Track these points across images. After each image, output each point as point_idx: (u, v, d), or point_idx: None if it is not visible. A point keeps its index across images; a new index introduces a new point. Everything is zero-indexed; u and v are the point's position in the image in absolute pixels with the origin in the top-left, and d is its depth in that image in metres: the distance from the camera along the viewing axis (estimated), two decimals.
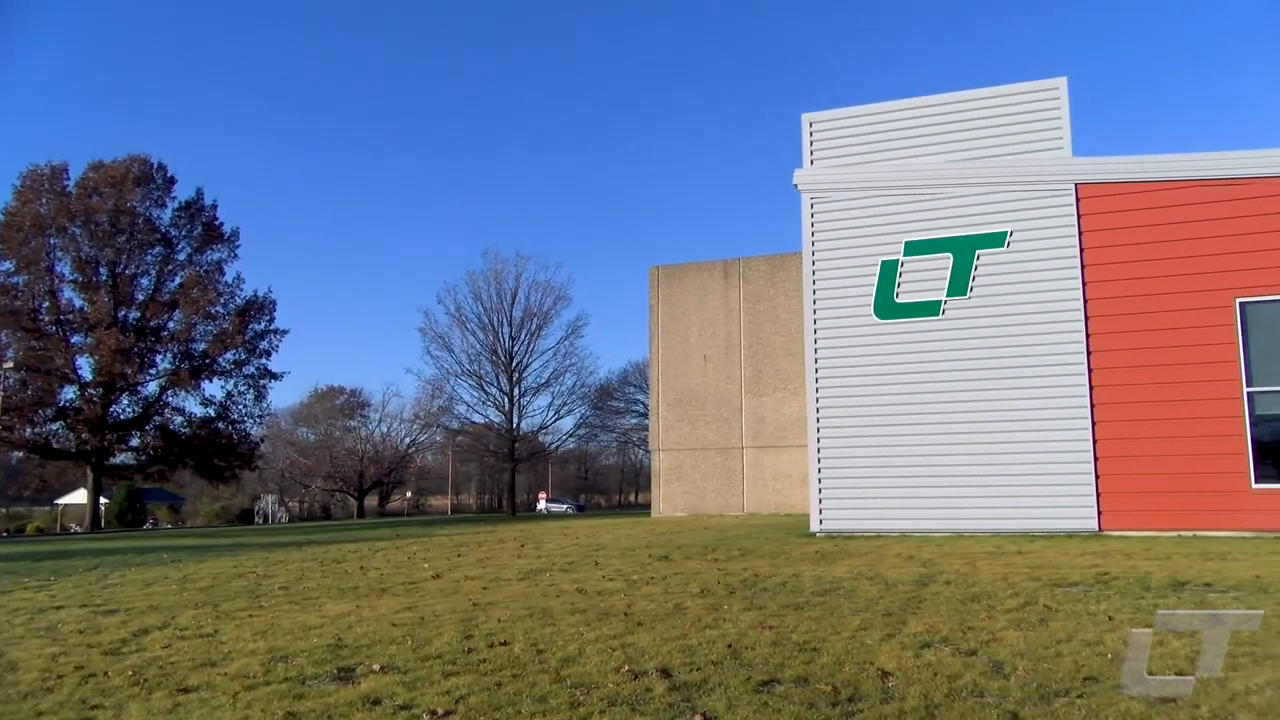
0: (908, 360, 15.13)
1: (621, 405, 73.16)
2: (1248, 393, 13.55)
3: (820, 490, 15.37)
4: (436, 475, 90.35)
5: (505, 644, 6.45)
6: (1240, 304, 13.72)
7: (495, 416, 52.19)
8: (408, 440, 75.40)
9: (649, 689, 5.16)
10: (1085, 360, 14.25)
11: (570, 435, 65.98)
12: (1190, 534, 13.25)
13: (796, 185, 16.27)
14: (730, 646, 6.13)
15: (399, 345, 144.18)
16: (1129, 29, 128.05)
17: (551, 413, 55.42)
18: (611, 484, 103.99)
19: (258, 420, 56.13)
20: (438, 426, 62.66)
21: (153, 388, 51.37)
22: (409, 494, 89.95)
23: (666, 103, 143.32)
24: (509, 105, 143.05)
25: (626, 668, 5.63)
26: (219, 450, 52.41)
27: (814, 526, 15.32)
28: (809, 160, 16.33)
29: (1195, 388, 13.75)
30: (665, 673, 5.49)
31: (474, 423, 54.12)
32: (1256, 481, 13.40)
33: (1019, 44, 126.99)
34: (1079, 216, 14.61)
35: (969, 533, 14.19)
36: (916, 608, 7.44)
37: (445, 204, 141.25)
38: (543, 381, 52.86)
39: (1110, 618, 6.76)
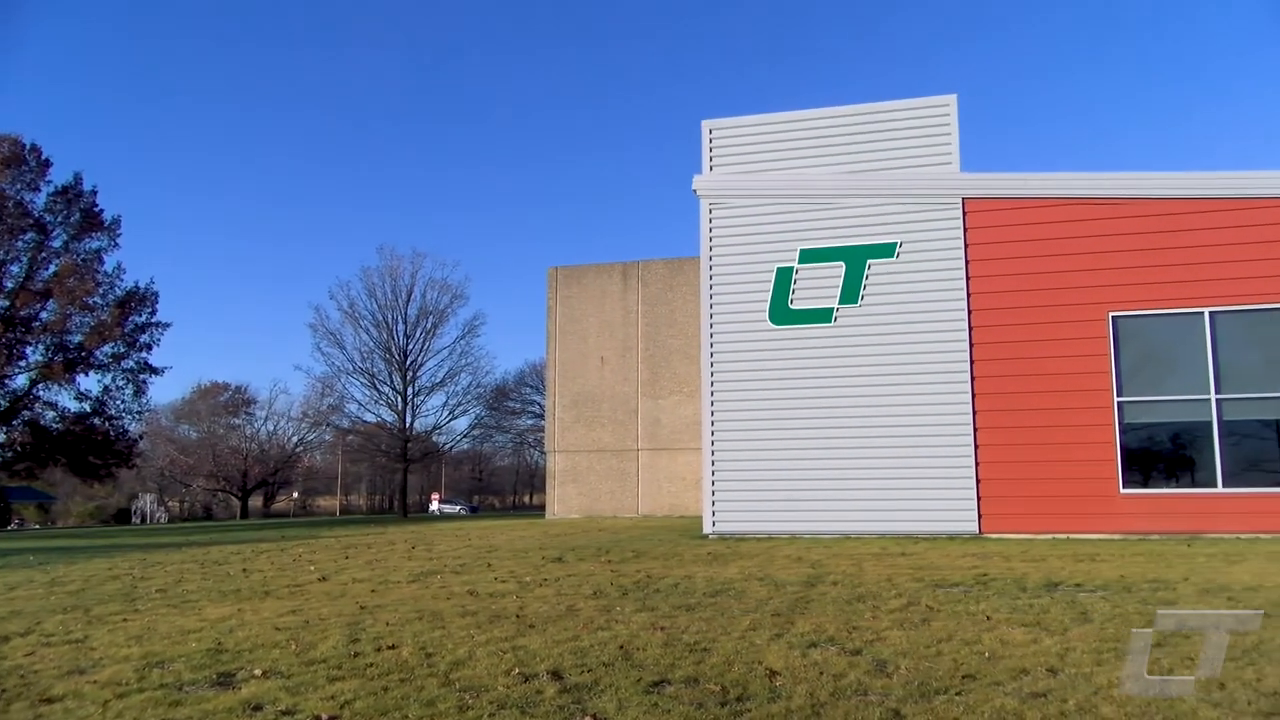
0: (801, 366, 15.43)
1: (518, 406, 72.63)
2: (1118, 402, 14.24)
3: (713, 493, 15.55)
4: (325, 475, 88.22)
5: (393, 647, 6.34)
6: (1113, 318, 14.41)
7: (388, 415, 51.27)
8: (295, 439, 73.46)
9: (540, 691, 5.13)
10: (969, 369, 14.76)
11: (465, 436, 65.28)
12: (1064, 536, 13.85)
13: (696, 190, 16.43)
14: (622, 647, 6.15)
15: (288, 341, 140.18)
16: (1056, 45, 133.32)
17: (446, 413, 54.71)
18: (506, 485, 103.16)
19: (136, 416, 53.80)
20: (327, 425, 61.20)
21: (22, 380, 48.78)
22: (296, 494, 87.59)
23: (566, 105, 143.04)
24: (409, 106, 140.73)
25: (517, 670, 5.59)
26: (94, 447, 50.03)
27: (707, 528, 15.48)
28: (708, 166, 16.51)
29: (1070, 397, 14.39)
30: (556, 674, 5.47)
31: (365, 422, 53.04)
32: (1124, 487, 14.10)
33: (922, 59, 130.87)
34: (965, 230, 15.13)
35: (857, 535, 14.55)
36: (805, 608, 7.58)
37: (340, 204, 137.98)
38: (438, 381, 52.16)
39: (988, 617, 7.01)
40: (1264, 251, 14.02)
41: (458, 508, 70.18)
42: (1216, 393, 13.95)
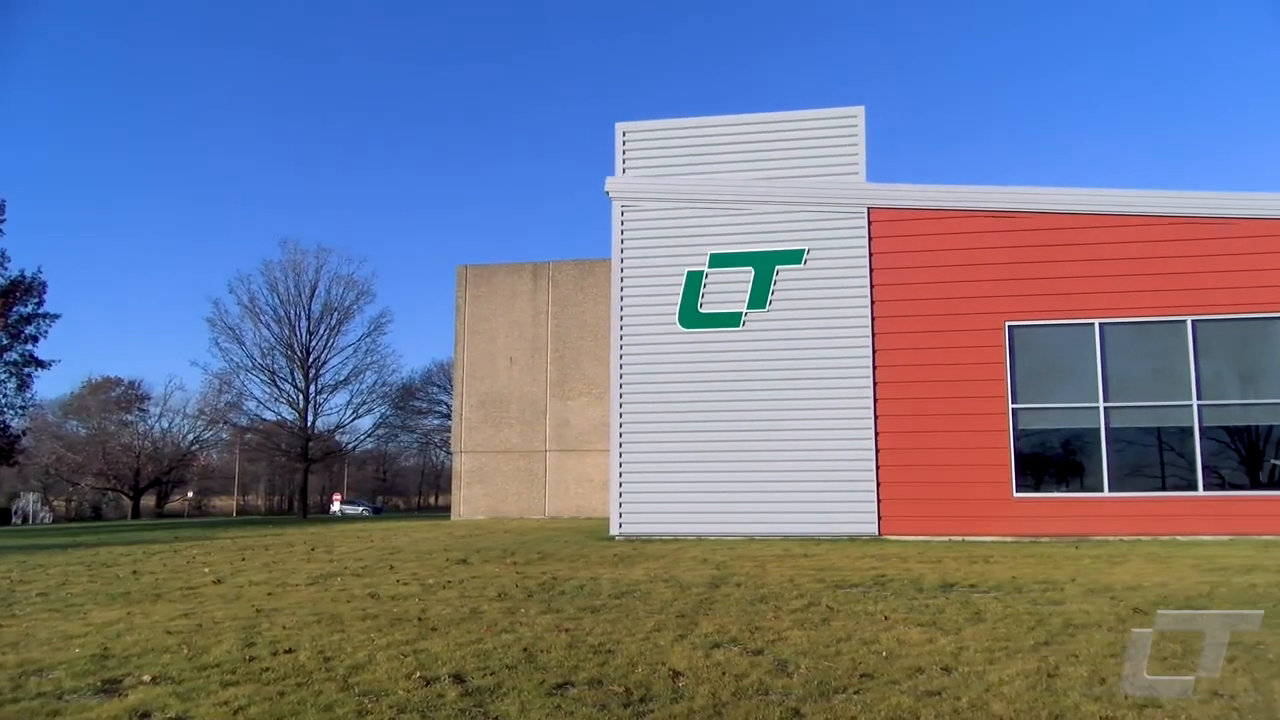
0: (709, 369, 15.57)
1: (424, 406, 71.62)
2: (1013, 409, 14.74)
3: (621, 494, 15.58)
4: (222, 475, 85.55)
5: (290, 651, 6.19)
6: (1009, 327, 14.91)
7: (288, 414, 49.98)
8: (191, 437, 71.10)
9: (441, 695, 5.07)
10: (871, 374, 15.10)
11: (369, 435, 64.06)
12: (960, 538, 14.27)
13: (608, 192, 16.45)
14: (526, 650, 6.11)
15: (185, 336, 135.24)
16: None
17: (350, 411, 53.59)
18: (411, 486, 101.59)
19: (20, 412, 51.30)
20: (225, 423, 59.31)
21: None
22: (190, 494, 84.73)
23: (475, 103, 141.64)
24: (320, 102, 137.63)
25: (418, 674, 5.52)
26: None
27: (614, 530, 15.51)
28: (621, 168, 16.55)
29: (967, 403, 14.83)
30: (458, 678, 5.42)
31: (265, 420, 51.62)
32: (1018, 490, 14.60)
33: (834, 68, 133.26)
34: (870, 238, 15.47)
35: (761, 537, 14.74)
36: (708, 609, 7.65)
37: (245, 201, 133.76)
38: (341, 379, 51.05)
39: (886, 617, 7.17)
40: (1150, 266, 14.69)
41: (360, 509, 68.81)
42: (1105, 401, 14.55)
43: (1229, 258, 14.55)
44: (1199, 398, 14.39)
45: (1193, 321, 14.54)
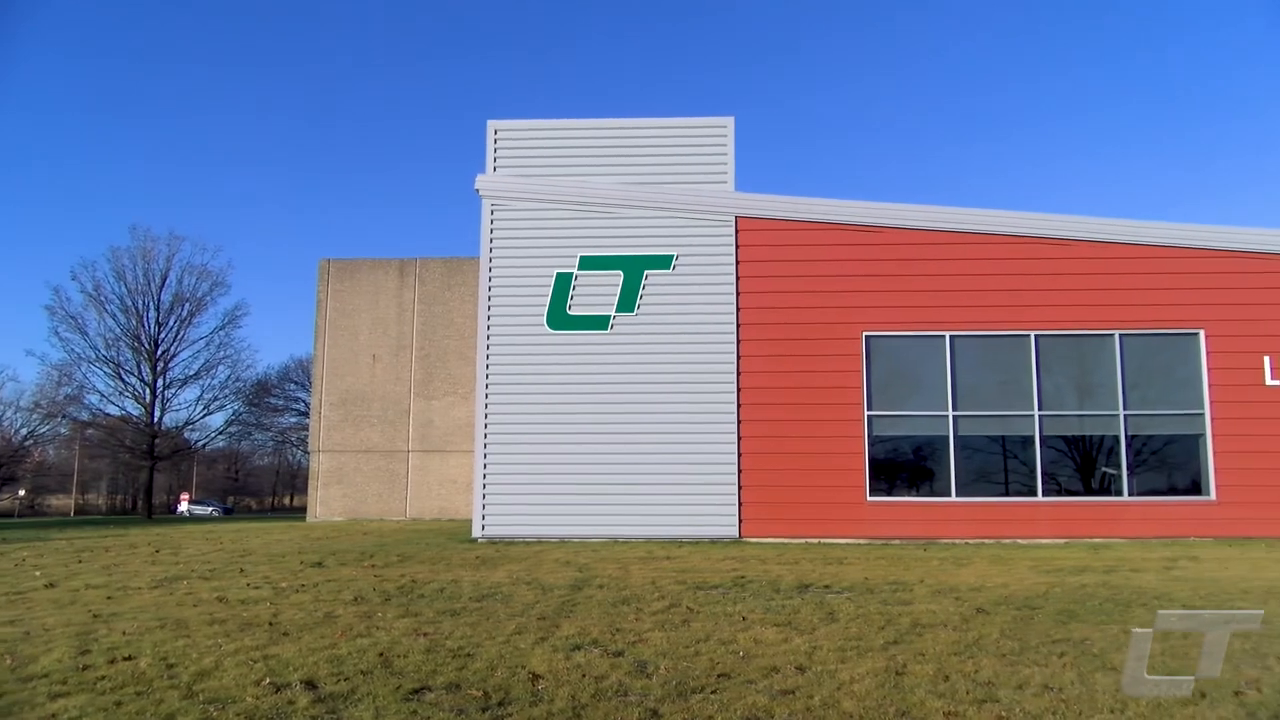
0: (576, 371, 15.57)
1: (280, 403, 69.13)
2: (867, 416, 15.27)
3: (485, 496, 15.42)
4: (59, 472, 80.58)
5: (130, 659, 5.89)
6: (866, 337, 15.45)
7: (134, 409, 47.47)
8: (25, 431, 66.75)
9: (291, 702, 4.91)
10: (735, 380, 15.38)
11: (220, 432, 61.37)
12: (816, 541, 14.67)
13: (478, 190, 16.26)
14: (382, 655, 5.98)
15: (19, 324, 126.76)
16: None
17: (200, 407, 51.25)
18: (265, 487, 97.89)
19: None
20: (63, 417, 55.90)
21: None
22: (23, 492, 79.55)
23: (346, 100, 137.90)
24: (178, 96, 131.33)
25: (268, 680, 5.32)
26: None
27: (476, 532, 15.32)
28: (492, 167, 16.39)
29: (826, 410, 15.28)
30: (310, 684, 5.25)
31: (108, 414, 48.89)
32: (871, 495, 15.12)
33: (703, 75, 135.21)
34: (737, 247, 15.77)
35: (625, 539, 14.82)
36: (570, 611, 7.64)
37: (95, 188, 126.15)
38: (192, 373, 48.78)
39: (744, 618, 7.32)
40: (998, 283, 15.46)
41: (210, 509, 65.90)
42: (954, 410, 15.23)
43: (1069, 277, 15.46)
44: (1040, 408, 15.23)
45: (1035, 336, 15.37)
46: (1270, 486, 14.82)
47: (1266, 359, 15.12)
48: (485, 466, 15.48)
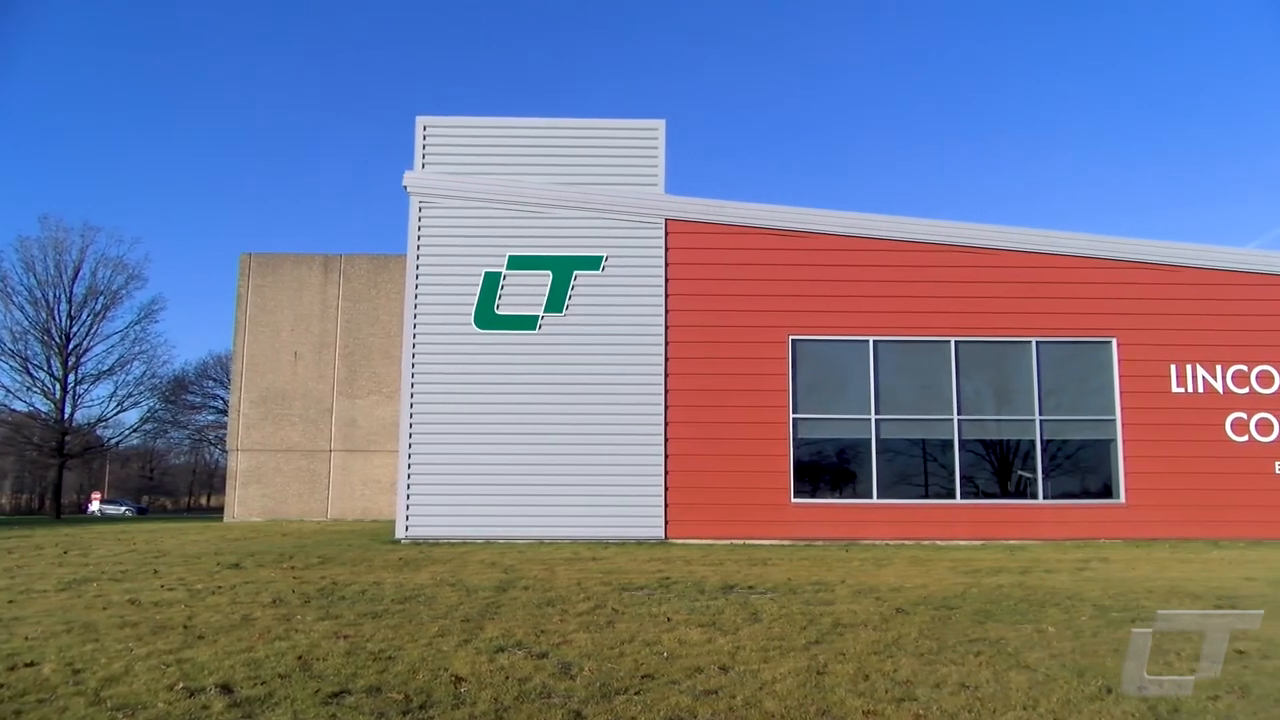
0: (503, 371, 15.47)
1: (198, 400, 67.26)
2: (793, 419, 15.46)
3: (409, 497, 15.23)
4: None
5: (32, 665, 5.68)
6: (792, 340, 15.64)
7: (42, 404, 45.72)
8: None
9: (206, 707, 4.79)
10: (663, 382, 15.45)
11: (135, 430, 59.47)
12: (741, 542, 14.79)
13: (406, 187, 16.06)
14: (301, 658, 5.87)
15: None
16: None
17: (114, 404, 49.65)
18: (181, 486, 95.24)
19: None
20: None
21: None
22: None
23: (267, 86, 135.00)
24: (96, 85, 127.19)
25: (181, 685, 5.18)
26: None
27: (400, 533, 15.13)
28: (420, 164, 16.20)
29: (752, 412, 15.43)
30: (226, 688, 5.13)
31: (14, 410, 47.04)
32: (795, 496, 15.31)
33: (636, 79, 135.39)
34: (666, 249, 15.84)
35: (551, 540, 14.77)
36: (495, 613, 7.59)
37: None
38: (105, 369, 47.20)
39: (669, 619, 7.34)
40: (920, 289, 15.78)
41: (123, 509, 63.88)
42: (876, 413, 15.50)
43: (989, 285, 15.86)
44: (959, 413, 15.58)
45: (956, 342, 15.73)
46: (1175, 490, 15.39)
47: (1173, 367, 15.70)
48: (410, 467, 15.30)
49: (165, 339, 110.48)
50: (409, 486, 15.26)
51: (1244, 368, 15.72)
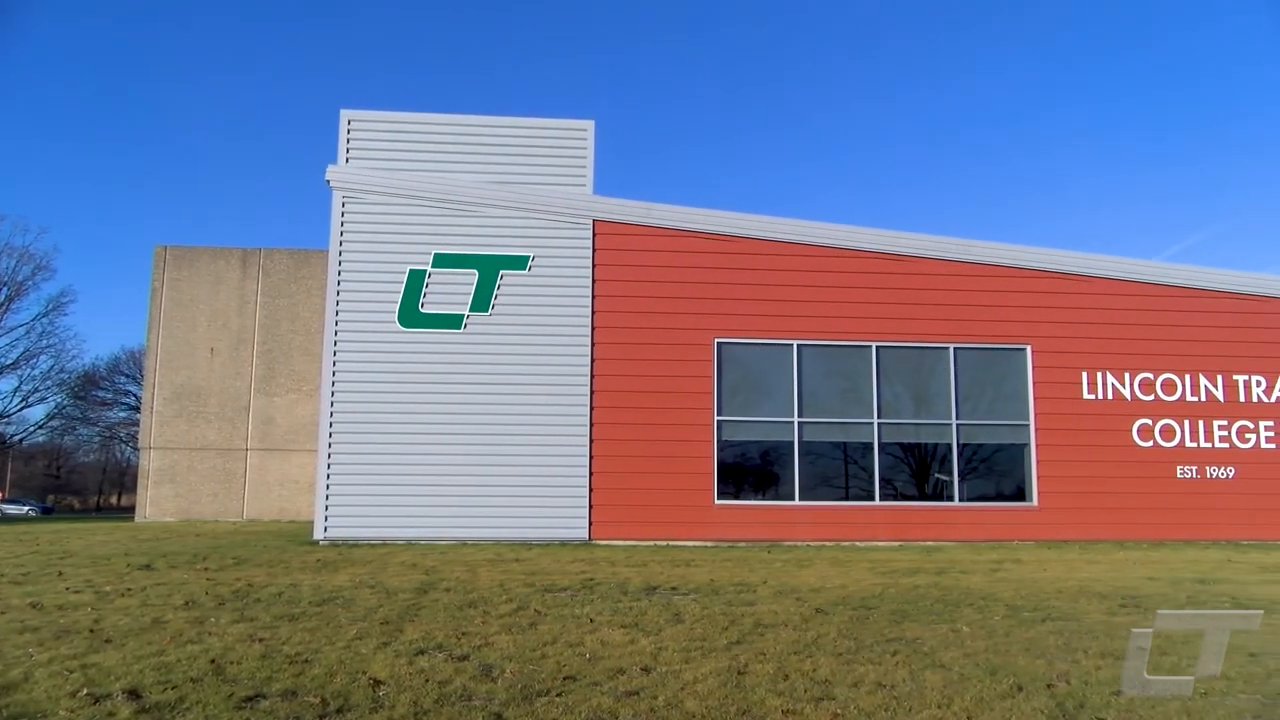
0: (427, 370, 15.29)
1: (109, 396, 65.24)
2: (717, 421, 15.57)
3: (328, 497, 14.96)
4: None
5: None
6: (718, 343, 15.76)
7: None
8: None
9: (112, 714, 4.64)
10: (589, 383, 15.43)
11: (41, 426, 57.70)
12: (665, 543, 14.85)
13: (329, 182, 15.78)
14: (214, 661, 5.72)
15: None
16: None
17: (18, 399, 48.05)
18: (90, 485, 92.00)
19: None
20: None
21: None
22: None
23: (185, 75, 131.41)
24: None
25: (85, 691, 5.01)
26: None
27: (318, 534, 14.85)
28: (345, 158, 15.93)
29: (677, 414, 15.51)
30: (134, 694, 4.97)
31: None
32: (719, 498, 15.43)
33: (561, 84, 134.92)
34: (594, 250, 15.83)
35: (473, 541, 14.64)
36: (415, 615, 7.50)
37: None
38: (9, 363, 45.75)
39: (592, 620, 7.34)
40: (844, 295, 16.04)
41: (26, 508, 61.51)
42: (799, 416, 15.70)
43: (909, 291, 16.19)
44: (879, 416, 15.87)
45: (877, 347, 16.02)
46: (1085, 493, 15.90)
47: (1084, 375, 16.22)
48: (329, 466, 15.03)
49: (75, 333, 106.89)
50: (328, 486, 15.00)
51: (1150, 375, 16.32)
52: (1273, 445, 16.36)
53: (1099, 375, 16.27)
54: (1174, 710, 4.94)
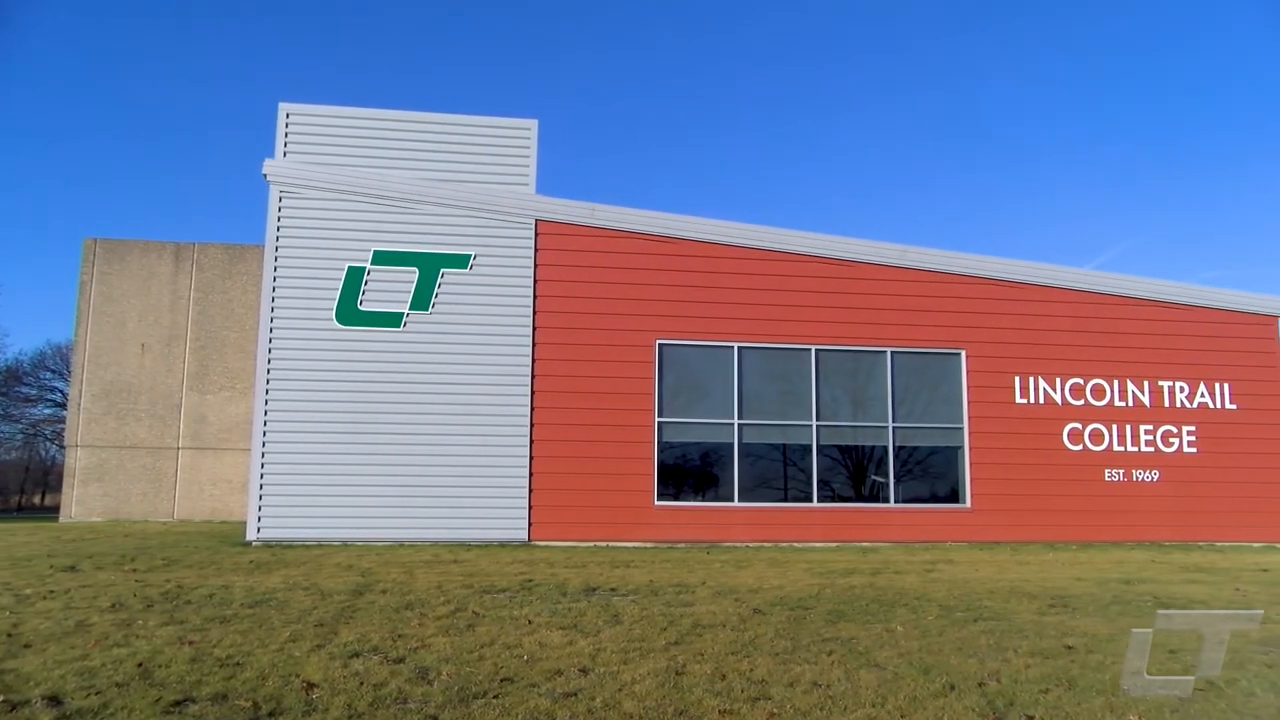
0: (366, 369, 15.10)
1: (33, 393, 63.22)
2: (658, 422, 15.61)
3: (262, 497, 14.69)
4: None
5: None
6: (659, 345, 15.79)
7: None
8: None
9: None
10: (529, 383, 15.36)
11: None
12: (605, 545, 14.85)
13: (266, 176, 15.50)
14: (141, 665, 5.58)
15: None
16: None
17: None
18: (12, 484, 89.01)
19: None
20: None
21: None
22: None
23: (117, 62, 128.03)
24: None
25: (2, 698, 4.85)
26: None
27: (251, 535, 14.57)
28: (282, 152, 15.66)
29: (618, 415, 15.51)
30: (54, 700, 4.83)
31: None
32: (658, 500, 15.46)
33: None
34: (536, 250, 15.77)
35: (411, 542, 14.49)
36: (350, 617, 7.40)
37: None
38: None
39: (530, 621, 7.30)
40: (783, 298, 16.18)
41: None
42: (739, 418, 15.81)
43: (848, 295, 16.39)
44: (818, 418, 16.05)
45: (816, 350, 16.19)
46: (1016, 496, 16.25)
47: (1016, 379, 16.58)
48: (263, 465, 14.77)
49: None
50: (262, 486, 14.73)
51: (1080, 381, 16.74)
52: (1194, 450, 16.88)
53: (1031, 380, 16.64)
54: (1098, 707, 5.07)
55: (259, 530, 14.56)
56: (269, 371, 15.06)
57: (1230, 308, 17.50)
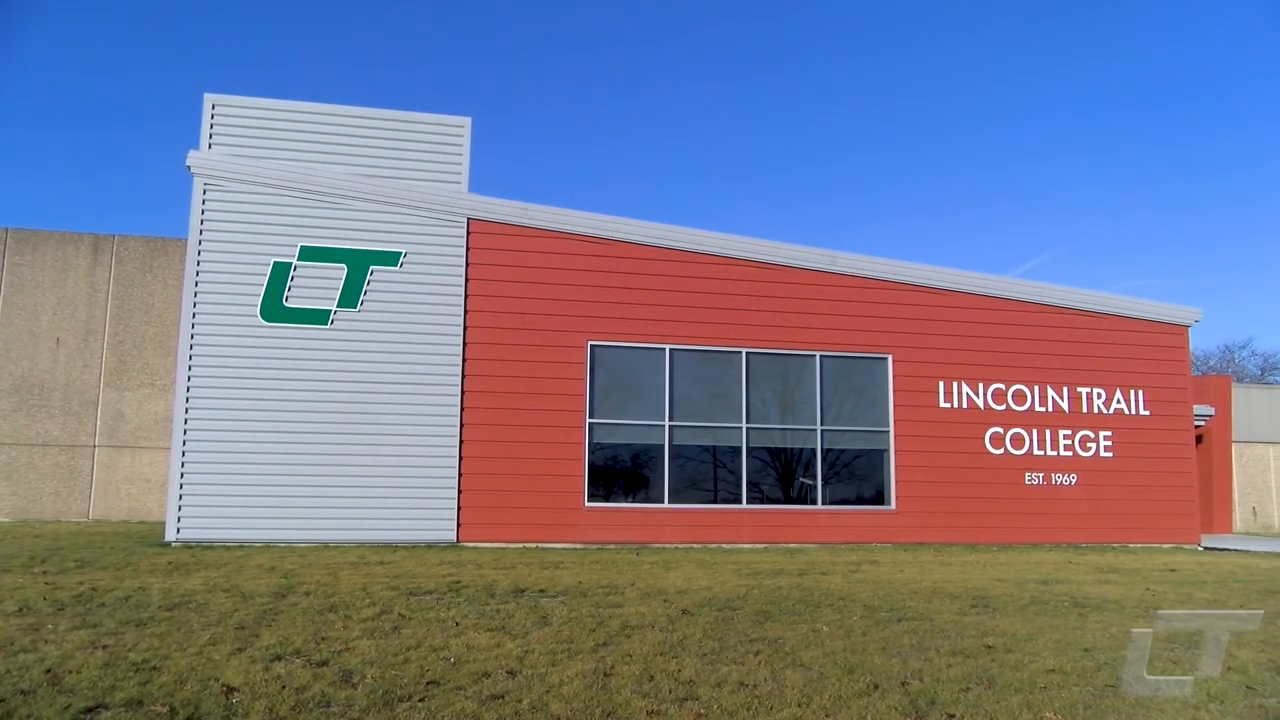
0: (291, 366, 14.81)
1: None
2: (589, 423, 15.59)
3: (181, 496, 14.31)
4: None
5: None
6: (591, 346, 15.77)
7: None
8: None
9: None
10: (460, 383, 15.22)
11: None
12: (534, 546, 14.77)
13: (190, 167, 15.12)
14: (50, 671, 5.40)
15: None
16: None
17: None
18: None
19: None
20: None
21: None
22: None
23: (31, 46, 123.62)
24: None
25: None
26: None
27: (170, 535, 14.19)
28: (207, 144, 15.29)
29: (550, 416, 15.45)
30: None
31: None
32: (588, 501, 15.44)
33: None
34: (468, 249, 15.63)
35: (336, 543, 14.25)
36: (272, 620, 7.25)
37: None
38: None
39: (457, 623, 7.24)
40: (716, 301, 16.28)
41: None
42: (670, 420, 15.87)
43: (778, 299, 16.56)
44: (748, 421, 16.18)
45: (746, 353, 16.33)
46: (938, 498, 16.58)
47: (941, 384, 16.92)
48: (184, 464, 14.39)
49: None
50: (182, 485, 14.36)
51: (1002, 386, 17.15)
52: (1110, 454, 17.42)
53: (955, 385, 17.00)
54: (1016, 705, 5.20)
55: (178, 530, 14.19)
56: (190, 368, 14.70)
57: (1145, 317, 18.10)
